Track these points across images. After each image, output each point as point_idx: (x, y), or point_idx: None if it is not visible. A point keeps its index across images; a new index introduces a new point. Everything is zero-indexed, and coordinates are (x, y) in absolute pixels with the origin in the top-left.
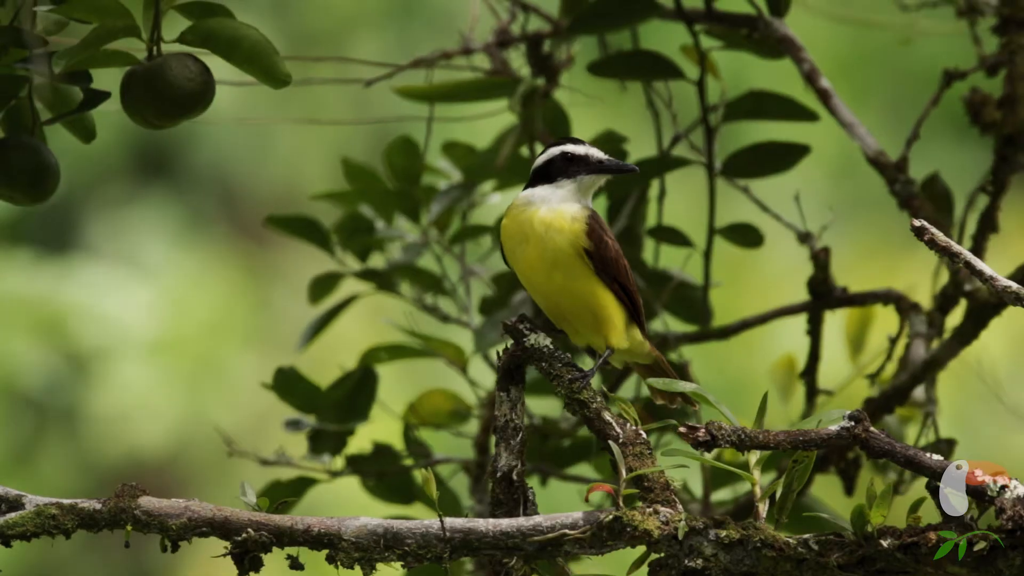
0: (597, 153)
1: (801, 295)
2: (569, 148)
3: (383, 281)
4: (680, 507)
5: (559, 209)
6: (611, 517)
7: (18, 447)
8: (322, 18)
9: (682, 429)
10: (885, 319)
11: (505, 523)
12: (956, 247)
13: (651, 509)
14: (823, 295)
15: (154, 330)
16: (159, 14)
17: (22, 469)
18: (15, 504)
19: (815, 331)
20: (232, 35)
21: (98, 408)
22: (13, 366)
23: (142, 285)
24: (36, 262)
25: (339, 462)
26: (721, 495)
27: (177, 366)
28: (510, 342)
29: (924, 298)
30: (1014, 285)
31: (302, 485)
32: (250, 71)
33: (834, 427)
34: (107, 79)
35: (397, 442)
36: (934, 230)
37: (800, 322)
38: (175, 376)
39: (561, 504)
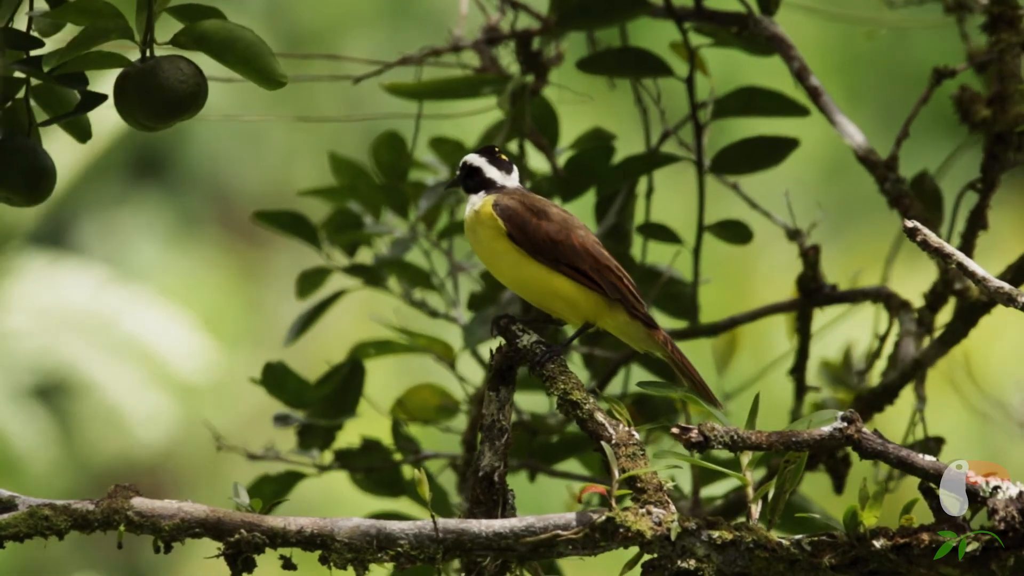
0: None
1: (791, 295)
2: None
3: (371, 276)
4: (673, 508)
5: (471, 209)
6: (604, 518)
7: (10, 448)
8: (313, 19)
9: (675, 430)
10: (858, 312)
11: (498, 524)
12: (948, 248)
13: (644, 510)
14: (812, 293)
15: (145, 330)
16: (152, 16)
17: (14, 470)
18: (8, 505)
19: (804, 328)
20: (226, 37)
21: (90, 408)
22: (5, 367)
23: (133, 285)
24: (29, 262)
25: (327, 457)
26: (711, 491)
27: (168, 366)
28: (502, 342)
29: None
30: (1007, 286)
31: (291, 479)
32: (245, 73)
33: (827, 428)
34: (100, 81)
35: (386, 437)
36: (927, 231)
37: (789, 320)
38: (166, 376)
39: (549, 500)
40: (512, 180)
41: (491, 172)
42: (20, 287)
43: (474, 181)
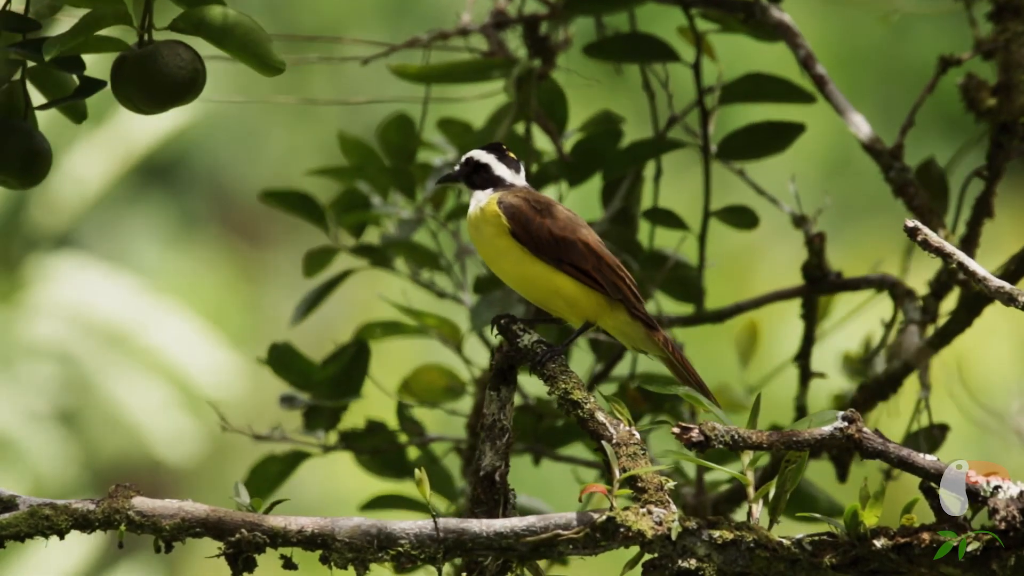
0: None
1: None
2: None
3: (378, 257)
4: (674, 507)
5: (476, 206)
6: (604, 518)
7: (13, 445)
8: (312, 18)
9: (675, 430)
10: (853, 296)
11: (499, 523)
12: (949, 247)
13: (644, 510)
14: (817, 280)
15: (147, 330)
16: (150, 1)
17: (15, 468)
18: (9, 504)
19: (809, 316)
20: (225, 23)
21: (92, 407)
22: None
23: (135, 285)
24: (33, 262)
25: (333, 438)
26: (716, 476)
27: (169, 365)
28: (502, 340)
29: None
30: (1007, 285)
31: (296, 459)
32: (243, 59)
33: (827, 428)
34: (98, 64)
35: (391, 418)
36: (927, 230)
37: (793, 314)
38: (168, 375)
39: (554, 484)
40: (520, 179)
41: (500, 169)
42: (46, 292)
43: (481, 178)
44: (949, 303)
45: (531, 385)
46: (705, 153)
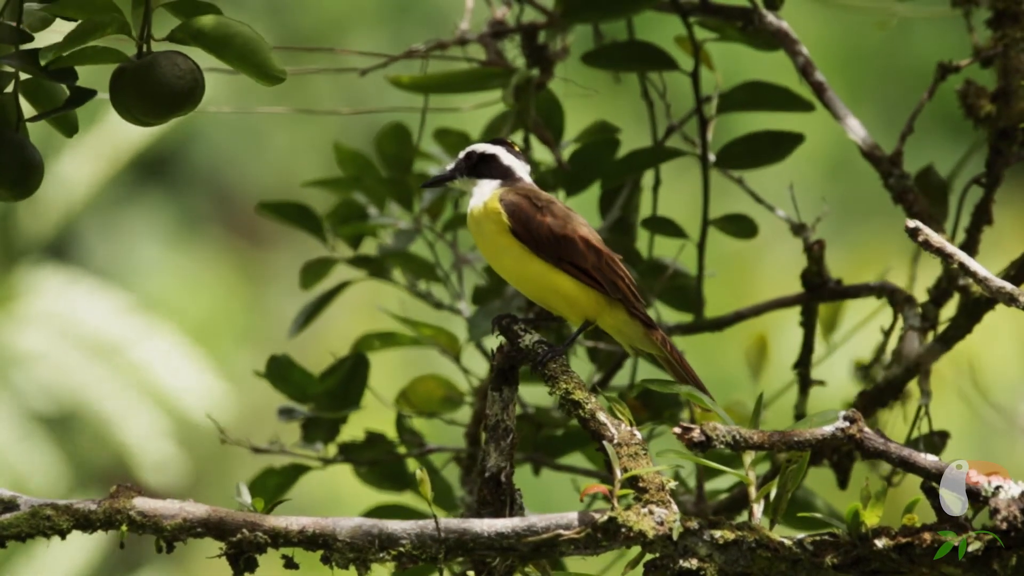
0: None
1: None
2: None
3: (375, 268)
4: (675, 507)
5: (478, 202)
6: (606, 518)
7: (14, 446)
8: (313, 19)
9: (676, 430)
10: (862, 306)
11: (500, 523)
12: (950, 248)
13: (646, 510)
14: (817, 287)
15: (148, 330)
16: (149, 11)
17: (15, 469)
18: (10, 505)
19: (809, 323)
20: (223, 32)
21: (93, 408)
22: (8, 365)
23: (136, 286)
24: (46, 278)
25: (332, 450)
26: (716, 485)
27: (157, 381)
28: (503, 340)
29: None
30: (1008, 285)
31: (295, 472)
32: (242, 69)
33: (828, 428)
34: (96, 75)
35: (390, 430)
36: (928, 231)
37: (794, 322)
38: (155, 391)
39: (553, 493)
40: (527, 173)
41: (509, 159)
42: (35, 305)
43: (489, 167)
44: (949, 310)
45: (530, 394)
46: (704, 161)
